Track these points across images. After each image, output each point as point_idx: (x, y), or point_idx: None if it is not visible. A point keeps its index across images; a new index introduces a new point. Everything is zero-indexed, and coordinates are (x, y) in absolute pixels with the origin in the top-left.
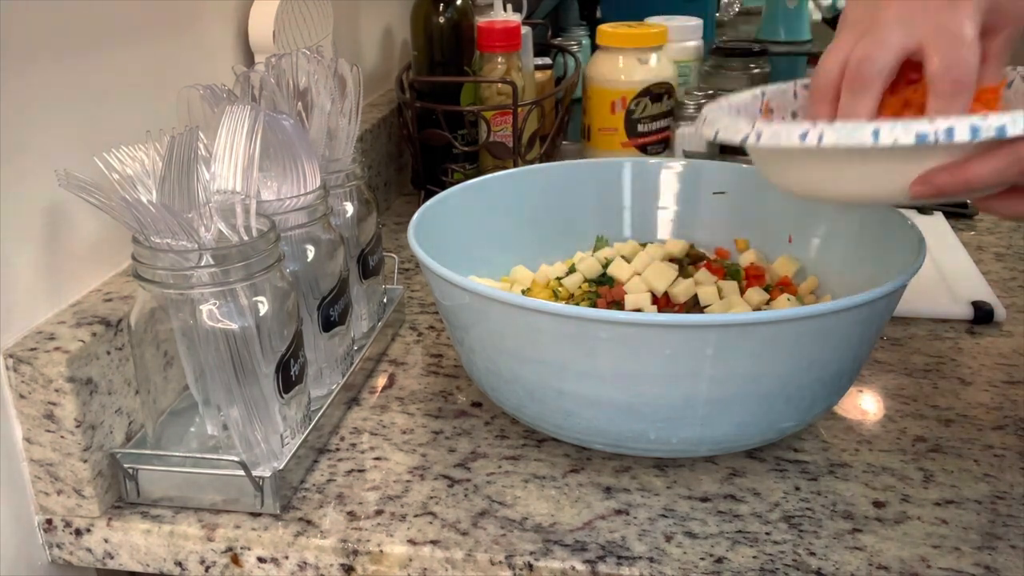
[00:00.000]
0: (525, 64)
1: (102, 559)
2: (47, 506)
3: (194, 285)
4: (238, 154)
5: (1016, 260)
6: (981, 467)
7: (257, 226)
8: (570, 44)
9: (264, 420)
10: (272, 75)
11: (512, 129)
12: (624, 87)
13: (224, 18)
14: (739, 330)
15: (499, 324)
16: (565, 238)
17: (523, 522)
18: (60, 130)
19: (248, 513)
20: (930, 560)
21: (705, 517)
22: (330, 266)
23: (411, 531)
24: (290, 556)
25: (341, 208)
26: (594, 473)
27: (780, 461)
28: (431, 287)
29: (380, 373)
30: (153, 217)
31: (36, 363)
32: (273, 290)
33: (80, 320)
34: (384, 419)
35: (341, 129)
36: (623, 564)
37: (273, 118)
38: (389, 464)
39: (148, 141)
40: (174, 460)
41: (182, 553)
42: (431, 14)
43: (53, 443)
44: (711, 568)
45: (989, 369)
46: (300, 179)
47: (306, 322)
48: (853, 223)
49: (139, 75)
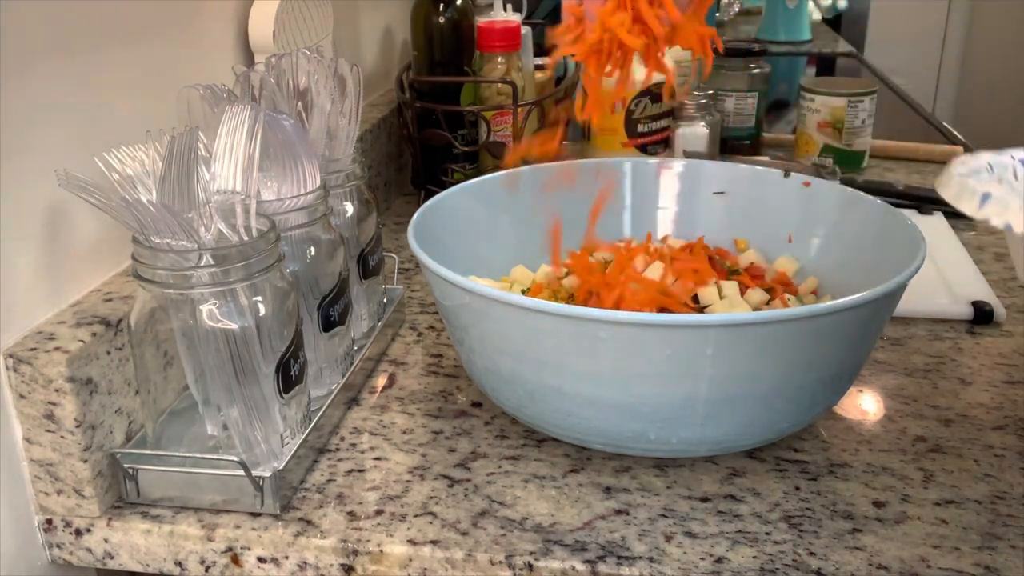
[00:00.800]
0: (525, 64)
1: (102, 559)
2: (47, 506)
3: (194, 285)
4: (238, 154)
5: None
6: (981, 467)
7: (257, 226)
8: None
9: (264, 420)
10: (272, 75)
11: (512, 129)
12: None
13: (224, 18)
14: (739, 330)
15: (499, 324)
16: (565, 238)
17: (523, 522)
18: (60, 130)
19: (248, 513)
20: (930, 560)
21: (705, 517)
22: (330, 266)
23: (411, 531)
24: (290, 556)
25: (341, 208)
26: (594, 473)
27: (780, 461)
28: (431, 287)
29: (380, 373)
30: (153, 217)
31: (36, 363)
32: (273, 290)
33: (80, 320)
34: (384, 419)
35: (341, 129)
36: (623, 564)
37: (273, 118)
38: (389, 464)
39: (148, 141)
40: (174, 460)
41: (182, 553)
42: (431, 14)
43: (53, 443)
44: (711, 568)
45: (989, 369)
46: (300, 179)
47: (306, 322)
48: (853, 223)
49: (139, 75)
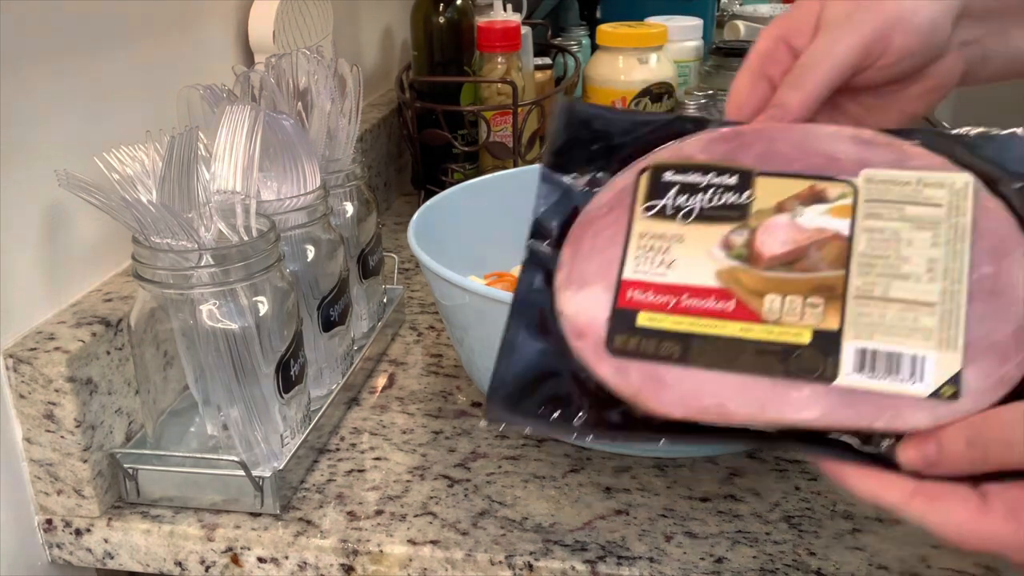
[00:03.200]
0: (525, 64)
1: (102, 559)
2: (47, 506)
3: (194, 285)
4: (238, 154)
5: None
6: None
7: (257, 226)
8: (570, 44)
9: (264, 420)
10: (272, 75)
11: (512, 129)
12: (624, 87)
13: (224, 18)
14: None
15: (499, 324)
16: None
17: (523, 522)
18: (60, 130)
19: (248, 513)
20: (930, 560)
21: (705, 517)
22: (330, 266)
23: (411, 531)
24: (290, 556)
25: (341, 208)
26: (594, 473)
27: (780, 461)
28: (431, 287)
29: (380, 373)
30: (153, 217)
31: (36, 363)
32: (273, 290)
33: (80, 320)
34: (384, 419)
35: (341, 129)
36: (623, 564)
37: (273, 118)
38: (389, 464)
39: (148, 141)
40: (174, 460)
41: (182, 553)
42: (431, 14)
43: (53, 443)
44: (711, 568)
45: None
46: (300, 179)
47: (306, 322)
48: None
49: (139, 75)
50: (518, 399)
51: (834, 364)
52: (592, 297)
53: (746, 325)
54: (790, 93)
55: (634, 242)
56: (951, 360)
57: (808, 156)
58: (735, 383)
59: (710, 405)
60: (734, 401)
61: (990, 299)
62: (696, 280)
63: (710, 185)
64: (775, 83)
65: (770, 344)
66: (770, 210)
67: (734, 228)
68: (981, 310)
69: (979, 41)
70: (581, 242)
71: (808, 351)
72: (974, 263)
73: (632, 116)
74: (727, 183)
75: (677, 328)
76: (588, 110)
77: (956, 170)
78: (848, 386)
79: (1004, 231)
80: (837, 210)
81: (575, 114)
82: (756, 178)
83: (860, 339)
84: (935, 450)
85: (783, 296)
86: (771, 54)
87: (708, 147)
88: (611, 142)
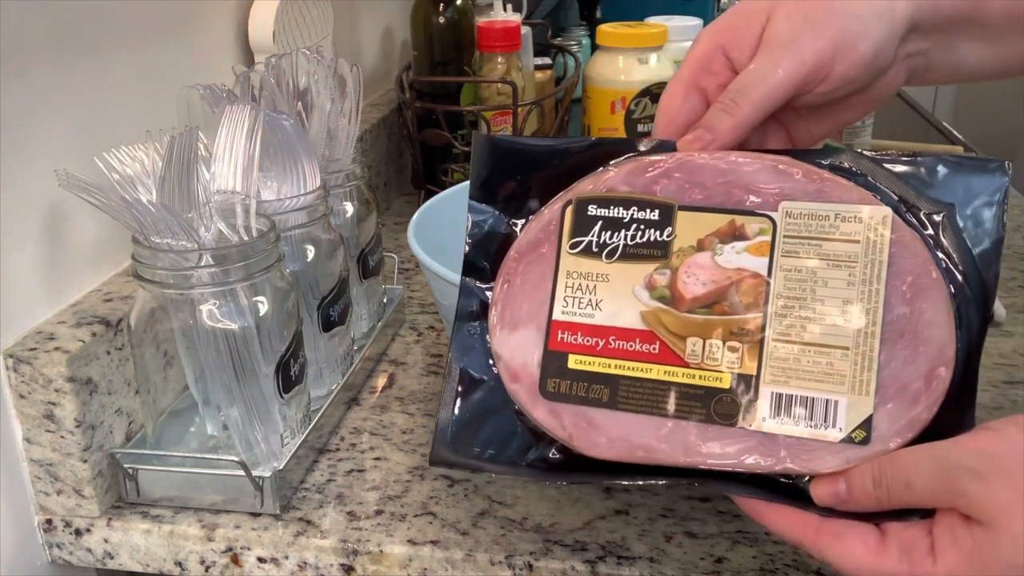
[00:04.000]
0: (525, 64)
1: (102, 559)
2: (47, 506)
3: (194, 285)
4: (238, 154)
5: (1016, 260)
6: None
7: (257, 226)
8: (570, 44)
9: (264, 420)
10: (272, 75)
11: (512, 129)
12: (624, 87)
13: (224, 18)
14: None
15: None
16: None
17: (523, 522)
18: (60, 130)
19: (248, 513)
20: None
21: (705, 517)
22: (330, 266)
23: (411, 531)
24: (290, 556)
25: (341, 208)
26: None
27: None
28: (431, 287)
29: (380, 373)
30: (153, 217)
31: (36, 363)
32: (273, 290)
33: (80, 320)
34: (384, 419)
35: (341, 129)
36: (623, 564)
37: (273, 118)
38: (389, 464)
39: (148, 141)
40: (174, 460)
41: (182, 553)
42: (431, 14)
43: (53, 443)
44: (711, 568)
45: (989, 369)
46: (300, 179)
47: (306, 322)
48: None
49: (139, 75)
50: (463, 441)
51: (752, 409)
52: (524, 338)
53: (670, 368)
54: (721, 117)
55: (562, 281)
56: (863, 404)
57: (729, 188)
58: (660, 426)
59: (637, 448)
60: (660, 444)
61: (902, 341)
62: (622, 322)
63: (633, 220)
64: (709, 97)
65: (692, 388)
66: (691, 248)
67: (657, 267)
68: (893, 352)
69: (924, 53)
70: (513, 278)
71: (728, 396)
72: (888, 304)
73: (552, 144)
74: (649, 218)
75: (605, 371)
76: (507, 144)
77: (874, 203)
78: (765, 431)
79: (919, 269)
80: (755, 247)
81: (497, 147)
82: (677, 212)
83: (777, 384)
84: (844, 489)
85: (704, 340)
86: (707, 64)
87: (629, 178)
88: (535, 172)
